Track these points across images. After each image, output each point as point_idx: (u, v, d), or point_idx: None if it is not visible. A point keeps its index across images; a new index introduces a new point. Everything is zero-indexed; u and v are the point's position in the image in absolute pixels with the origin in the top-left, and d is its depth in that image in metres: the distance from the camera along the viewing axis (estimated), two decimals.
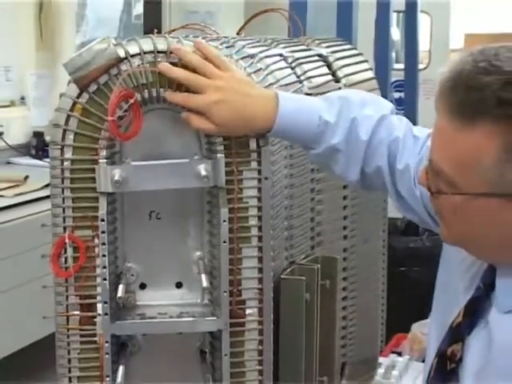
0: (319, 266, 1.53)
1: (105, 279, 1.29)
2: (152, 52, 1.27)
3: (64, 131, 1.27)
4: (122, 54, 1.27)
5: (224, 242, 1.30)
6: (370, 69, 1.99)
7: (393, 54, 4.55)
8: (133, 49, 1.27)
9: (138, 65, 1.27)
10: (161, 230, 1.36)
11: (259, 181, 1.33)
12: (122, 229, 1.35)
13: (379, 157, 1.36)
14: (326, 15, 3.31)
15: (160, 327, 1.33)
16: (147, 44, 1.28)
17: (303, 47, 1.81)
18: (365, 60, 1.98)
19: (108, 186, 1.28)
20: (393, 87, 4.35)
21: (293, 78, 1.61)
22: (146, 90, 1.27)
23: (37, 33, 4.30)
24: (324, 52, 1.83)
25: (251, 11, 1.83)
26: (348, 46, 2.01)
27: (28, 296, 3.27)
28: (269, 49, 1.61)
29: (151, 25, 4.52)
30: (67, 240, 1.29)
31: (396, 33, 5.37)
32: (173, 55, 1.27)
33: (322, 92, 1.62)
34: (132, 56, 1.27)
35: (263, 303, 1.35)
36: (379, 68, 3.37)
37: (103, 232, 1.28)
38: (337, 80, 1.80)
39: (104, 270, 1.29)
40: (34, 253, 3.19)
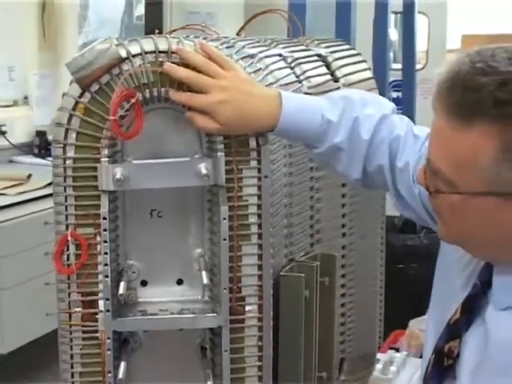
0: (318, 264, 1.54)
1: (106, 276, 1.29)
2: (153, 52, 1.28)
3: (66, 130, 1.28)
4: (124, 54, 1.27)
5: (224, 240, 1.31)
6: (369, 69, 1.99)
7: (391, 54, 4.56)
8: (134, 49, 1.28)
9: (140, 65, 1.27)
10: (162, 228, 1.36)
11: (259, 179, 1.34)
12: (124, 226, 1.36)
13: (381, 155, 1.36)
14: (325, 16, 3.32)
15: (161, 324, 1.34)
16: (148, 44, 1.29)
17: (302, 47, 1.81)
18: (363, 60, 1.98)
19: (110, 185, 1.29)
20: (391, 87, 4.37)
21: (292, 78, 1.62)
22: (148, 90, 1.28)
23: (39, 33, 4.32)
24: (323, 52, 1.83)
25: (251, 12, 1.84)
26: (346, 46, 2.01)
27: (31, 293, 3.28)
28: (268, 49, 1.62)
29: (152, 25, 4.52)
30: (69, 238, 1.30)
31: (394, 33, 5.39)
32: (174, 55, 1.28)
33: (321, 91, 1.63)
34: (133, 56, 1.27)
35: (263, 300, 1.36)
36: (377, 68, 3.38)
37: (105, 230, 1.29)
38: (335, 80, 1.80)
39: (106, 268, 1.29)
40: (37, 250, 3.21)
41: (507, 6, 5.85)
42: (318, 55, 1.82)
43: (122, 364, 1.33)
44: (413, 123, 1.41)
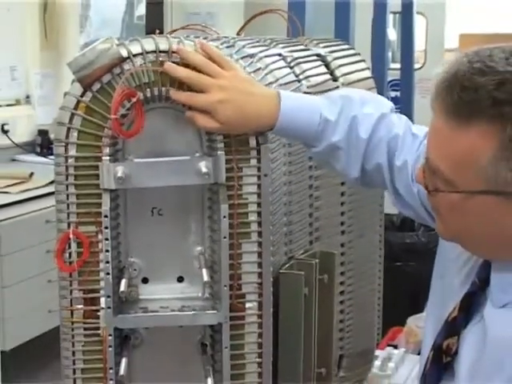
0: (317, 261, 1.54)
1: (108, 274, 1.30)
2: (154, 51, 1.28)
3: (68, 129, 1.29)
4: (125, 54, 1.28)
5: (224, 238, 1.32)
6: (367, 68, 2.00)
7: (389, 54, 4.57)
8: (135, 48, 1.28)
9: (141, 64, 1.28)
10: (163, 226, 1.37)
11: (259, 177, 1.34)
12: (125, 224, 1.36)
13: (379, 154, 1.37)
14: (324, 16, 3.33)
15: (162, 320, 1.34)
16: (149, 44, 1.29)
17: (302, 47, 1.82)
18: (362, 59, 1.98)
19: (111, 183, 1.29)
20: (389, 86, 4.38)
21: (292, 77, 1.62)
22: (148, 89, 1.28)
23: (41, 33, 4.33)
24: (322, 52, 1.83)
25: (251, 12, 1.84)
26: (346, 46, 2.02)
27: (33, 290, 3.30)
28: (268, 49, 1.62)
29: (153, 25, 4.53)
30: (71, 235, 1.30)
31: (392, 33, 5.40)
32: (175, 55, 1.28)
33: (321, 91, 1.64)
34: (134, 55, 1.28)
35: (263, 297, 1.36)
36: (376, 67, 3.40)
37: (106, 228, 1.29)
38: (335, 79, 1.80)
39: (107, 265, 1.30)
40: (39, 248, 3.23)
41: (505, 6, 5.86)
42: (318, 55, 1.82)
43: (123, 360, 1.33)
44: (411, 122, 1.42)
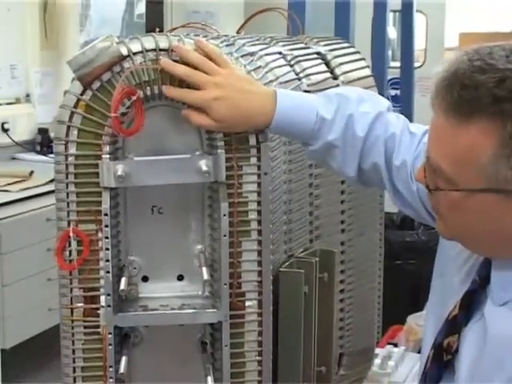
0: (317, 260, 1.54)
1: (108, 272, 1.30)
2: (154, 50, 1.28)
3: (68, 127, 1.29)
4: (125, 52, 1.28)
5: (224, 236, 1.32)
6: (367, 66, 2.00)
7: (389, 53, 4.58)
8: (135, 47, 1.28)
9: (141, 62, 1.28)
10: (163, 224, 1.37)
11: (259, 176, 1.34)
12: (125, 223, 1.36)
13: (376, 153, 1.36)
14: (324, 14, 3.34)
15: (162, 319, 1.35)
16: (149, 42, 1.29)
17: (302, 45, 1.82)
18: (362, 58, 1.98)
19: (111, 181, 1.29)
20: (389, 85, 4.38)
21: (292, 76, 1.63)
22: (148, 87, 1.28)
23: (41, 32, 4.34)
24: (322, 50, 1.84)
25: (251, 10, 1.84)
26: (346, 45, 2.02)
27: (33, 289, 3.30)
28: (268, 47, 1.62)
29: (153, 24, 4.54)
30: (71, 234, 1.30)
31: (392, 32, 5.41)
32: (174, 53, 1.28)
33: (321, 89, 1.63)
34: (134, 54, 1.28)
35: (262, 295, 1.36)
36: (376, 66, 3.40)
37: (106, 226, 1.29)
38: (335, 77, 1.80)
39: (107, 263, 1.30)
40: (39, 246, 3.23)
41: (504, 4, 5.86)
42: (318, 53, 1.82)
43: (123, 359, 1.33)
44: (410, 121, 1.42)
